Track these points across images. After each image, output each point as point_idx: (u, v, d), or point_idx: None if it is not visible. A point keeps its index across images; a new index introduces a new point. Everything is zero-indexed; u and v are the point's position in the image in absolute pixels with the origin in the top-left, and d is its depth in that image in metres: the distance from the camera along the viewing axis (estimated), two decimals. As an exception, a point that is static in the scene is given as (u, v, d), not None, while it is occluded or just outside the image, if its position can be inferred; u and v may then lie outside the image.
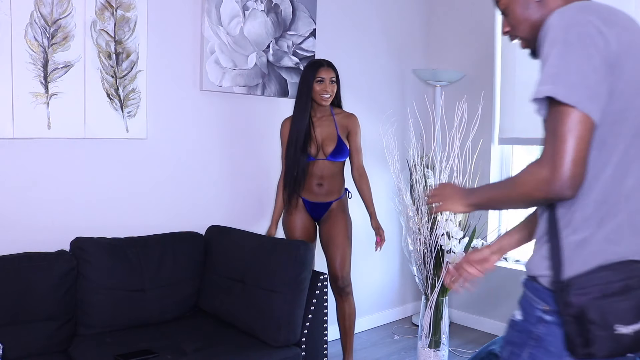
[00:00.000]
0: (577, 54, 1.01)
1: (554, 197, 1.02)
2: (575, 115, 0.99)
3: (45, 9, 2.28)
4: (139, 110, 2.59)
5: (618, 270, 1.04)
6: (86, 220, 2.48)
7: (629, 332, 1.01)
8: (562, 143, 0.99)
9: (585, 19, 1.02)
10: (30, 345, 2.10)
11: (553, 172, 0.99)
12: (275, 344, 2.27)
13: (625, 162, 1.06)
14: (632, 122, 1.05)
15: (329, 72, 2.75)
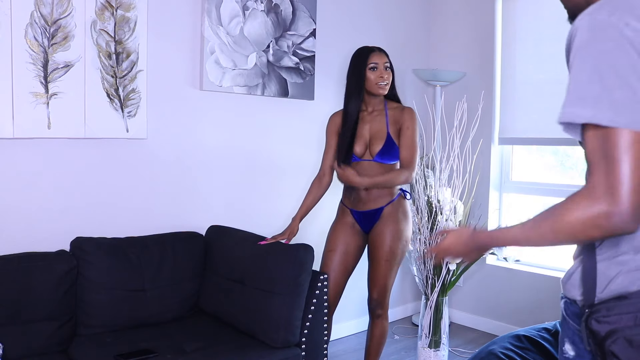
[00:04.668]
0: (617, 65, 0.86)
1: (614, 233, 0.87)
2: (626, 135, 0.85)
3: (45, 9, 2.28)
4: (139, 110, 2.59)
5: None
6: (86, 220, 2.48)
7: None
8: (617, 169, 0.84)
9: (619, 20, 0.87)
10: (30, 345, 2.10)
11: (612, 205, 0.84)
12: (275, 344, 2.27)
13: None
14: None
15: (382, 57, 2.49)
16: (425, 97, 3.90)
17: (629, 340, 0.88)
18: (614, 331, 0.90)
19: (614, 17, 0.88)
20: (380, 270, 2.50)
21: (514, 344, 2.51)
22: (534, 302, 3.29)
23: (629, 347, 0.88)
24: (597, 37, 0.88)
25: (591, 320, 0.93)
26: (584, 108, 0.89)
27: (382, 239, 2.51)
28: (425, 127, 3.60)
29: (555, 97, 3.27)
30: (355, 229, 2.58)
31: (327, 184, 2.63)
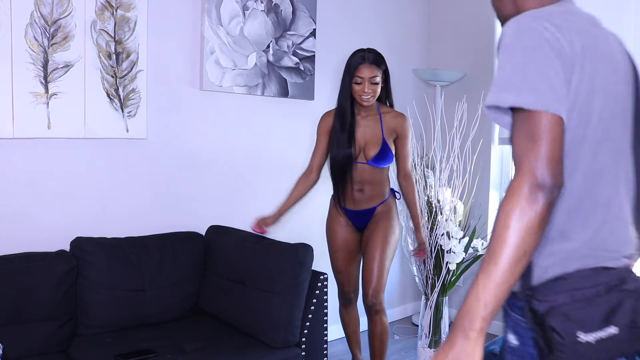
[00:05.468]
0: (537, 58, 0.99)
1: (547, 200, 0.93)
2: (545, 117, 0.96)
3: (45, 9, 2.28)
4: (139, 110, 2.59)
5: (588, 278, 1.01)
6: (86, 220, 2.48)
7: (591, 340, 0.96)
8: (537, 148, 0.95)
9: (541, 25, 1.01)
10: (30, 345, 2.10)
11: (534, 177, 0.93)
12: (275, 344, 2.27)
13: (596, 170, 1.04)
14: (595, 127, 1.03)
15: (370, 71, 2.45)
16: (425, 97, 3.90)
17: (566, 314, 0.96)
18: (552, 308, 0.97)
19: (535, 22, 1.02)
20: (375, 266, 2.55)
21: (514, 344, 2.51)
22: (534, 302, 3.28)
23: (567, 320, 0.96)
24: (521, 37, 1.01)
25: (533, 300, 1.00)
26: (508, 93, 0.99)
27: (375, 236, 2.58)
28: (425, 127, 3.60)
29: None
30: (350, 226, 2.67)
31: (314, 181, 2.67)
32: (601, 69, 1.05)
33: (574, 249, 1.03)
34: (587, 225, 1.04)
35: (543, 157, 0.94)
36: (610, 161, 1.06)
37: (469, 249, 3.14)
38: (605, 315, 0.98)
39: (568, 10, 1.09)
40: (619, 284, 1.01)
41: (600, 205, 1.05)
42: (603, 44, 1.08)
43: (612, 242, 1.06)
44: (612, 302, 0.99)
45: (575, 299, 0.98)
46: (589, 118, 1.03)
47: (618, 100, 1.08)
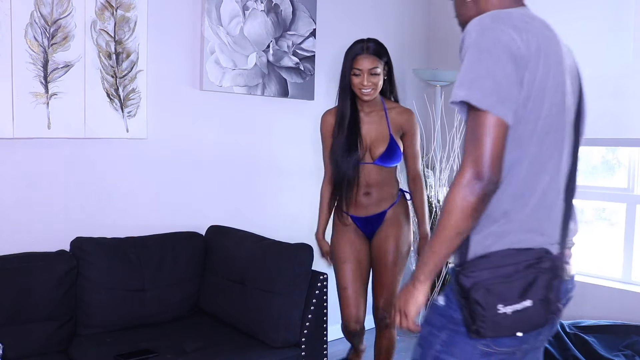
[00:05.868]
0: (490, 60, 1.08)
1: (483, 193, 1.08)
2: (490, 118, 1.07)
3: (45, 9, 2.28)
4: (139, 110, 2.59)
5: (509, 256, 1.13)
6: (86, 220, 2.48)
7: (508, 311, 1.10)
8: (480, 145, 1.07)
9: (499, 27, 1.10)
10: (30, 345, 2.10)
11: (476, 170, 1.07)
12: (274, 344, 2.27)
13: (540, 159, 1.15)
14: (543, 121, 1.13)
15: (368, 62, 2.24)
16: (425, 97, 3.90)
17: (487, 289, 1.10)
18: (476, 283, 1.11)
19: (495, 24, 1.11)
20: (388, 276, 2.38)
21: (514, 344, 2.51)
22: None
23: (488, 294, 1.10)
24: (481, 38, 1.11)
25: (460, 276, 1.14)
26: (461, 90, 1.10)
27: (387, 244, 2.39)
28: (425, 127, 3.60)
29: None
30: (359, 234, 2.45)
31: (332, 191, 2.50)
32: (552, 69, 1.14)
33: (512, 229, 1.14)
34: (526, 208, 1.15)
35: (483, 155, 1.06)
36: (552, 152, 1.17)
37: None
38: (521, 290, 1.11)
39: (524, 14, 1.19)
40: (536, 263, 1.13)
41: (539, 192, 1.15)
42: (554, 46, 1.18)
43: (542, 228, 1.17)
44: (528, 278, 1.11)
45: (497, 275, 1.11)
46: (539, 113, 1.13)
47: (564, 97, 1.17)
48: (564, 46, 1.24)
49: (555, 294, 1.15)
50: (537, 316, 1.13)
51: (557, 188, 1.19)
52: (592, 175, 3.31)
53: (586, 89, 1.36)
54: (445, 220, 1.12)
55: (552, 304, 1.14)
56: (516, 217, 1.14)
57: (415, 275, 1.21)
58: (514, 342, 1.16)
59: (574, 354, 2.45)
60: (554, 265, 1.15)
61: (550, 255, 1.15)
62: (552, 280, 1.14)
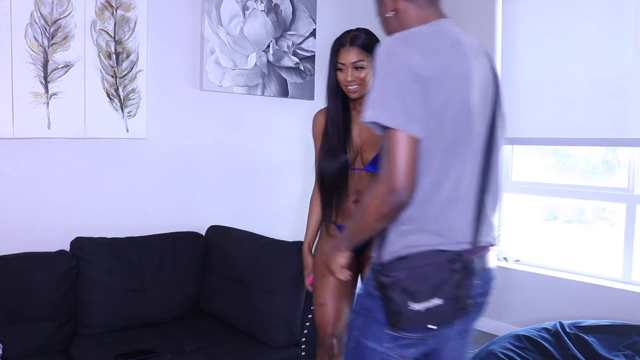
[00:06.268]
0: (396, 82, 1.17)
1: (395, 205, 1.19)
2: (400, 136, 1.17)
3: (45, 9, 2.28)
4: (139, 110, 2.59)
5: (424, 258, 1.23)
6: (86, 220, 2.48)
7: (419, 309, 1.21)
8: (392, 161, 1.17)
9: (404, 51, 1.19)
10: (30, 345, 2.10)
11: (389, 184, 1.17)
12: (274, 344, 2.27)
13: (444, 170, 1.24)
14: (446, 136, 1.22)
15: (353, 55, 1.96)
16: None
17: (402, 288, 1.22)
18: (393, 283, 1.22)
19: (401, 48, 1.20)
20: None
21: (514, 344, 2.51)
22: (534, 302, 3.29)
23: (402, 293, 1.22)
24: (387, 61, 1.20)
25: (380, 275, 1.26)
26: (372, 110, 1.19)
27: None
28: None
29: (556, 97, 3.27)
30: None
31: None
32: (455, 86, 1.22)
33: (415, 229, 1.24)
34: (432, 214, 1.24)
35: (397, 170, 1.16)
36: (455, 162, 1.25)
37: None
38: (432, 289, 1.21)
39: (436, 32, 1.27)
40: (448, 264, 1.23)
41: (442, 199, 1.24)
42: (460, 63, 1.25)
43: (452, 229, 1.26)
44: (439, 278, 1.22)
45: (411, 275, 1.22)
46: (442, 127, 1.21)
47: (469, 111, 1.25)
48: (477, 59, 1.30)
49: (466, 291, 1.24)
50: (447, 312, 1.23)
51: (465, 194, 1.28)
52: (592, 175, 3.31)
53: (588, 89, 1.38)
54: (361, 219, 1.27)
55: (461, 300, 1.24)
56: (421, 220, 1.24)
57: (337, 246, 1.44)
58: (423, 332, 1.27)
59: (574, 354, 2.45)
60: (465, 266, 1.24)
61: (462, 258, 1.24)
62: (462, 280, 1.23)
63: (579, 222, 3.47)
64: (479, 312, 1.40)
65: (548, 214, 3.57)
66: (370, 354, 1.32)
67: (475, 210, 1.30)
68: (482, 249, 1.32)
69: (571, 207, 3.46)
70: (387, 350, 1.30)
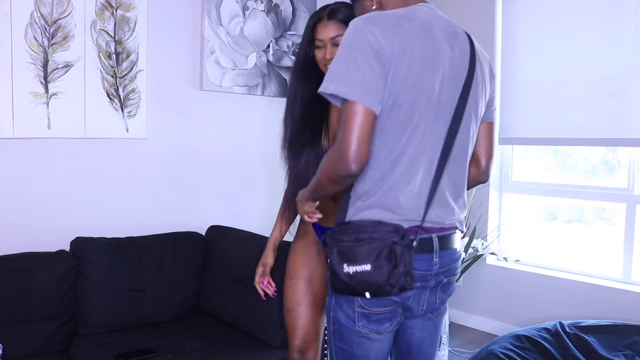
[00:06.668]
0: (357, 57, 1.22)
1: (345, 173, 1.24)
2: (356, 107, 1.21)
3: (45, 9, 2.28)
4: (139, 110, 2.59)
5: (365, 226, 1.29)
6: (86, 220, 2.48)
7: (350, 271, 1.28)
8: (346, 131, 1.22)
9: (368, 29, 1.23)
10: (30, 345, 2.10)
11: (341, 152, 1.22)
12: (274, 344, 2.27)
13: (399, 149, 1.28)
14: (402, 117, 1.26)
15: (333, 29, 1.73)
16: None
17: (339, 250, 1.29)
18: (334, 244, 1.30)
19: (365, 26, 1.24)
20: None
21: (514, 344, 2.51)
22: (534, 302, 3.29)
23: (338, 254, 1.29)
24: (351, 38, 1.25)
25: (327, 237, 1.34)
26: (331, 82, 1.24)
27: None
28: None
29: (556, 97, 3.26)
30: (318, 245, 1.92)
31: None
32: (416, 70, 1.25)
33: (369, 204, 1.30)
34: (383, 189, 1.29)
35: (350, 140, 1.21)
36: (413, 144, 1.29)
37: (469, 248, 3.14)
38: (365, 256, 1.26)
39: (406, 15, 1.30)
40: (386, 235, 1.27)
41: (399, 177, 1.29)
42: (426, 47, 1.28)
43: (402, 207, 1.30)
44: (372, 247, 1.27)
45: (350, 239, 1.28)
46: (398, 108, 1.25)
47: (430, 94, 1.28)
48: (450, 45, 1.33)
49: (405, 266, 1.27)
50: (376, 280, 1.27)
51: (420, 175, 1.32)
52: (592, 175, 3.31)
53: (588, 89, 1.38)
54: (317, 178, 1.35)
55: (397, 275, 1.27)
56: (374, 196, 1.30)
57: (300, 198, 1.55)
58: (382, 303, 1.32)
59: (574, 354, 2.45)
60: (403, 240, 1.28)
61: (401, 231, 1.28)
62: (398, 253, 1.27)
63: (579, 222, 3.47)
64: (445, 292, 1.44)
65: (548, 214, 3.57)
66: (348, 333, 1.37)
67: (429, 192, 1.34)
68: (439, 230, 1.37)
69: (571, 207, 3.46)
70: (362, 329, 1.35)
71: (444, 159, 1.35)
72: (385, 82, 1.23)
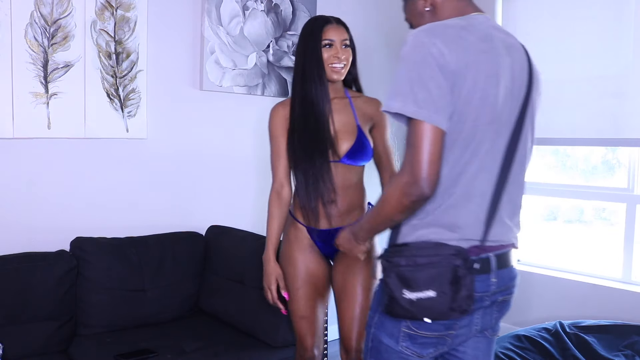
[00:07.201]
0: (421, 73, 1.15)
1: (418, 197, 1.17)
2: (425, 127, 1.15)
3: (45, 9, 2.27)
4: (139, 110, 2.59)
5: (424, 249, 1.22)
6: (86, 220, 2.48)
7: (413, 298, 1.20)
8: (417, 152, 1.15)
9: (431, 41, 1.16)
10: (30, 345, 2.10)
11: (412, 176, 1.16)
12: (274, 344, 2.27)
13: (460, 166, 1.22)
14: (465, 133, 1.20)
15: (340, 32, 1.89)
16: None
17: (398, 274, 1.22)
18: (392, 267, 1.23)
19: (427, 39, 1.17)
20: (357, 314, 1.93)
21: (514, 343, 2.51)
22: (534, 302, 3.29)
23: (398, 279, 1.22)
24: (413, 51, 1.18)
25: (382, 260, 1.27)
26: (395, 101, 1.17)
27: (355, 273, 1.94)
28: (425, 127, 3.60)
29: (556, 97, 3.27)
30: (315, 252, 1.98)
31: (289, 196, 1.98)
32: (480, 82, 1.19)
33: (427, 223, 1.24)
34: (443, 207, 1.23)
35: (420, 162, 1.15)
36: (473, 159, 1.22)
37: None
38: (428, 280, 1.20)
39: (466, 26, 1.23)
40: (448, 259, 1.21)
41: (459, 195, 1.23)
42: (488, 59, 1.22)
43: (461, 226, 1.24)
44: (436, 271, 1.20)
45: (409, 263, 1.21)
46: (463, 123, 1.19)
47: (493, 109, 1.22)
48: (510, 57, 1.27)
49: (466, 290, 1.20)
50: (439, 307, 1.21)
51: (479, 193, 1.25)
52: (592, 175, 3.31)
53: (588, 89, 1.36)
54: (381, 209, 1.26)
55: (459, 299, 1.20)
56: (433, 214, 1.23)
57: (355, 234, 1.47)
58: (435, 327, 1.24)
59: (574, 354, 2.45)
60: (467, 264, 1.21)
61: (464, 254, 1.22)
62: (462, 278, 1.20)
63: (579, 222, 3.46)
64: (501, 311, 1.38)
65: (548, 214, 3.57)
66: (387, 352, 1.30)
67: (489, 210, 1.27)
68: (497, 248, 1.30)
69: (571, 207, 3.46)
70: (404, 349, 1.28)
71: (504, 177, 1.28)
72: (451, 97, 1.17)
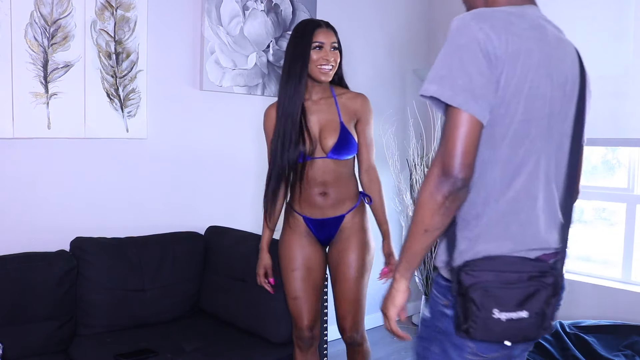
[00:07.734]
0: (463, 57, 1.06)
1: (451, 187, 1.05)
2: (462, 116, 1.05)
3: (45, 9, 2.28)
4: (139, 110, 2.59)
5: (514, 264, 1.11)
6: (86, 220, 2.48)
7: (502, 318, 1.08)
8: (449, 142, 1.06)
9: (478, 26, 1.07)
10: (30, 345, 2.10)
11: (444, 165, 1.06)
12: (276, 340, 2.27)
13: (514, 165, 1.12)
14: (517, 126, 1.10)
15: (329, 35, 2.02)
16: (425, 97, 3.89)
17: (486, 290, 1.08)
18: (476, 282, 1.09)
19: (474, 22, 1.08)
20: (351, 292, 2.10)
21: (514, 344, 2.51)
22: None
23: (486, 296, 1.08)
24: (458, 34, 1.09)
25: (462, 273, 1.11)
26: (432, 85, 1.09)
27: (348, 255, 2.10)
28: (425, 127, 3.60)
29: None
30: (312, 238, 2.15)
31: (283, 193, 2.20)
32: (532, 73, 1.09)
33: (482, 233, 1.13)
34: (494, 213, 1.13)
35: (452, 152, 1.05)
36: (527, 158, 1.12)
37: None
38: (520, 300, 1.09)
39: (518, 13, 1.14)
40: (539, 276, 1.11)
41: (509, 198, 1.12)
42: (542, 49, 1.12)
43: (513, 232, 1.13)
44: (529, 289, 1.10)
45: (500, 279, 1.09)
46: (512, 116, 1.09)
47: (545, 102, 1.12)
48: (561, 50, 1.18)
49: (552, 310, 1.13)
50: (530, 328, 1.12)
51: (533, 195, 1.14)
52: (592, 175, 3.31)
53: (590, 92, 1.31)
54: (415, 215, 1.12)
55: (547, 319, 1.13)
56: (488, 222, 1.13)
57: (395, 275, 1.26)
58: (500, 351, 1.15)
59: (574, 354, 2.45)
60: (556, 281, 1.13)
61: (554, 271, 1.13)
62: (551, 296, 1.12)
63: (579, 222, 3.47)
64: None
65: (548, 214, 3.57)
66: None
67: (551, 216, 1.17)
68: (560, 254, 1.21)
69: (571, 207, 3.45)
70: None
71: (568, 177, 1.20)
72: (496, 87, 1.06)
